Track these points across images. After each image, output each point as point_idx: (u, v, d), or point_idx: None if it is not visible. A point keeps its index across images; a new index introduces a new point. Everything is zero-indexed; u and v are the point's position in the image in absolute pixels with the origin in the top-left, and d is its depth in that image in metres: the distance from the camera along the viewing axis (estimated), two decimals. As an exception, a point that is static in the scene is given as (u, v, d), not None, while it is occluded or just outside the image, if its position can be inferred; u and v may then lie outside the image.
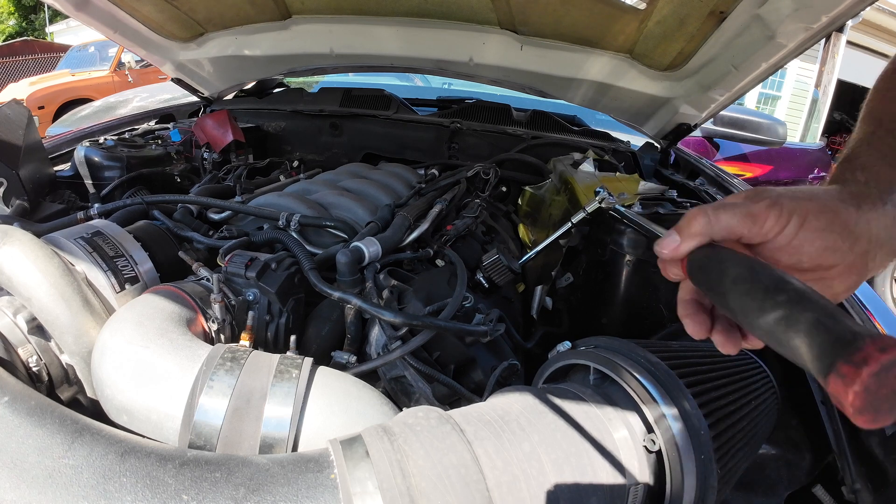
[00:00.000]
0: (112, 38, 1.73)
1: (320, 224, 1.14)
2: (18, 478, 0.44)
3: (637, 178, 1.56)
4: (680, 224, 0.44)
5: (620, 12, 1.39)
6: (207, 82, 2.13)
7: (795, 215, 0.42)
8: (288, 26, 1.82)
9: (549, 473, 0.51)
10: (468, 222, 1.35)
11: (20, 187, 1.21)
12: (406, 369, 0.82)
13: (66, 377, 0.77)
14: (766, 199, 0.43)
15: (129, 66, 7.76)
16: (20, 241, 0.73)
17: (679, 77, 1.53)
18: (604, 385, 0.64)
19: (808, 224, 0.42)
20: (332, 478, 0.47)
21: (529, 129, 2.05)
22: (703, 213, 0.43)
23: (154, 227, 1.07)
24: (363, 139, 2.18)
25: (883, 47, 9.30)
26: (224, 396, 0.62)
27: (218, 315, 0.82)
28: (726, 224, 0.43)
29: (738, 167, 3.53)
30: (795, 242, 0.42)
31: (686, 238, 0.44)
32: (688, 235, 0.44)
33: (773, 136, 2.81)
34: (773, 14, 1.11)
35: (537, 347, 1.14)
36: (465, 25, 1.69)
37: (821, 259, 0.42)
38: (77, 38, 10.81)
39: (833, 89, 7.85)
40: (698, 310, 0.47)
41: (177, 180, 1.67)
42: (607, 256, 1.13)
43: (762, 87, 9.29)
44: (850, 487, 0.73)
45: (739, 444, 0.61)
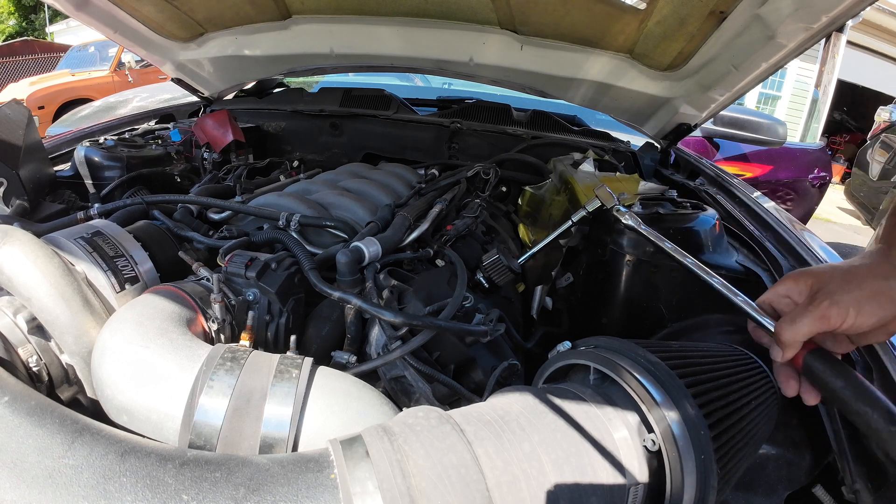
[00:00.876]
0: (112, 38, 1.73)
1: (320, 224, 1.14)
2: (18, 478, 0.44)
3: (637, 178, 1.56)
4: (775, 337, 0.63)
5: (620, 12, 1.39)
6: (207, 82, 2.13)
7: (852, 308, 0.58)
8: (288, 26, 1.82)
9: (549, 473, 0.51)
10: (468, 222, 1.35)
11: (20, 187, 1.21)
12: (406, 369, 0.82)
13: (66, 377, 0.77)
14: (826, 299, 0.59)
15: (129, 66, 7.77)
16: (20, 241, 0.73)
17: (679, 77, 1.53)
18: (604, 385, 0.64)
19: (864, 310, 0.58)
20: (332, 478, 0.47)
21: (529, 129, 2.05)
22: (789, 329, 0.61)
23: (154, 227, 1.07)
24: (363, 139, 2.18)
25: (883, 47, 9.30)
26: (224, 396, 0.61)
27: (218, 315, 0.82)
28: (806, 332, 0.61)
29: (738, 167, 3.53)
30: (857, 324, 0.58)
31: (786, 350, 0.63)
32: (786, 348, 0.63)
33: (773, 136, 2.82)
34: (774, 14, 1.11)
35: (537, 347, 1.14)
36: (465, 25, 1.69)
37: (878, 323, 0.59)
38: (77, 38, 10.82)
39: (833, 89, 7.85)
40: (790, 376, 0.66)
41: (177, 180, 1.67)
42: (607, 256, 1.13)
43: (762, 87, 9.30)
44: (850, 487, 0.73)
45: (739, 444, 0.61)
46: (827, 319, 0.59)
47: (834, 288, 0.59)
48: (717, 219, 1.15)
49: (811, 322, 0.59)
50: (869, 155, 6.06)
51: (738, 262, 1.10)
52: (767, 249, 1.12)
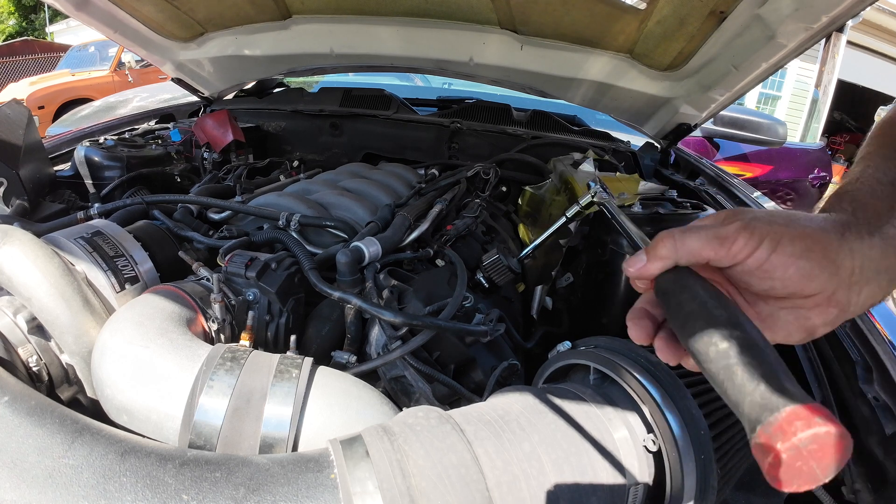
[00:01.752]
0: (112, 38, 1.72)
1: (320, 224, 1.14)
2: (18, 478, 0.44)
3: (637, 178, 1.56)
4: (648, 246, 0.44)
5: (620, 12, 1.39)
6: (207, 82, 2.13)
7: (767, 239, 0.40)
8: (288, 26, 1.82)
9: (549, 473, 0.51)
10: (468, 222, 1.35)
11: (20, 187, 1.21)
12: (406, 369, 0.82)
13: (66, 377, 0.77)
14: (737, 221, 0.41)
15: (129, 65, 7.76)
16: (20, 240, 0.73)
17: (679, 77, 1.53)
18: (604, 385, 0.64)
19: (782, 248, 0.40)
20: (332, 478, 0.47)
21: (529, 129, 2.05)
22: (671, 236, 0.43)
23: (154, 227, 1.07)
24: (363, 139, 2.18)
25: (883, 47, 9.30)
26: (224, 396, 0.62)
27: (218, 315, 0.82)
28: (693, 247, 0.42)
29: (738, 167, 3.53)
30: (767, 266, 0.40)
31: (652, 259, 0.43)
32: (654, 257, 0.43)
33: (773, 136, 2.81)
34: (774, 14, 1.11)
35: (537, 347, 1.14)
36: (465, 25, 1.69)
37: (796, 286, 0.40)
38: (77, 38, 10.81)
39: (833, 89, 7.85)
40: (644, 316, 0.46)
41: (177, 180, 1.67)
42: (607, 256, 1.13)
43: (762, 87, 9.30)
44: (850, 487, 0.73)
45: (739, 444, 0.61)
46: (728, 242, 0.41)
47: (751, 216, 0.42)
48: (717, 219, 1.14)
49: (706, 238, 0.41)
50: (869, 155, 6.05)
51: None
52: None
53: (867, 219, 0.42)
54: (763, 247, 0.40)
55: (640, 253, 0.44)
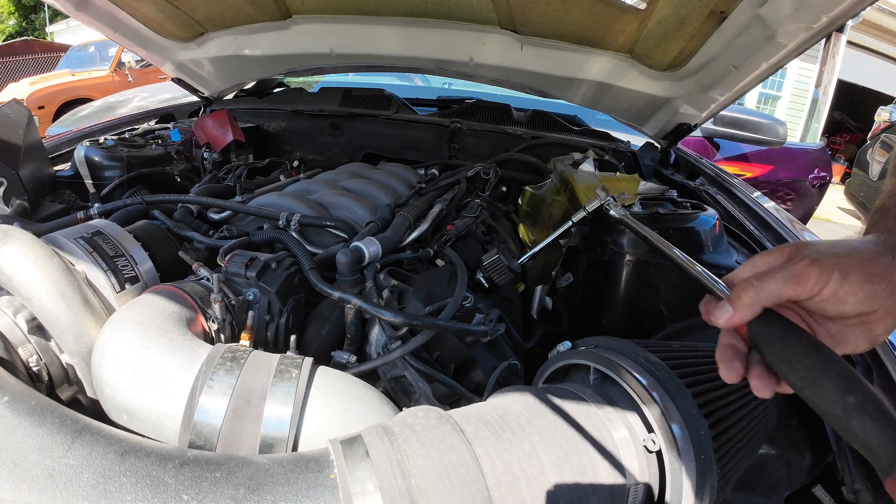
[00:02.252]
0: (112, 37, 1.73)
1: (320, 224, 1.14)
2: (18, 478, 0.44)
3: (637, 178, 1.56)
4: (731, 295, 0.48)
5: (620, 12, 1.39)
6: (207, 82, 2.13)
7: (837, 271, 0.45)
8: (288, 26, 1.82)
9: (549, 473, 0.51)
10: (468, 222, 1.35)
11: (20, 187, 1.21)
12: (406, 369, 0.82)
13: (66, 377, 0.77)
14: (806, 258, 0.46)
15: (129, 65, 7.76)
16: (20, 240, 0.73)
17: (679, 77, 1.53)
18: (604, 385, 0.64)
19: (850, 278, 0.45)
20: (332, 477, 0.47)
21: (529, 128, 2.05)
22: (751, 286, 0.47)
23: (154, 227, 1.07)
24: (363, 139, 2.18)
25: (883, 47, 9.30)
26: (224, 396, 0.62)
27: (218, 315, 0.82)
28: (773, 291, 0.46)
29: (738, 167, 3.53)
30: (840, 294, 0.45)
31: (739, 310, 0.47)
32: (739, 307, 0.47)
33: (774, 136, 2.81)
34: (774, 14, 1.11)
35: (537, 347, 1.14)
36: (465, 25, 1.69)
37: (864, 307, 0.45)
38: (77, 37, 10.81)
39: (833, 89, 7.85)
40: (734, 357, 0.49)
41: (177, 180, 1.67)
42: (607, 256, 1.13)
43: (762, 87, 9.30)
44: (850, 487, 0.73)
45: (739, 444, 0.61)
46: (804, 280, 0.45)
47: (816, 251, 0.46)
48: (717, 219, 1.15)
49: (783, 280, 0.46)
50: (869, 155, 6.06)
51: (738, 262, 1.10)
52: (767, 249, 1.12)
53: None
54: (834, 279, 0.45)
55: (724, 304, 0.48)
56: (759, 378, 0.48)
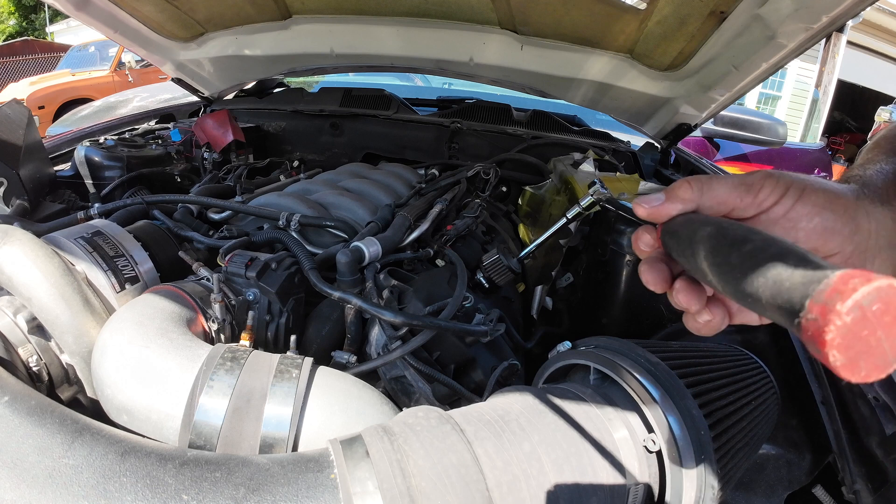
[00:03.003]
0: (112, 37, 1.73)
1: (320, 224, 1.14)
2: (18, 478, 0.44)
3: (637, 178, 1.56)
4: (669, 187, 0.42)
5: (621, 12, 1.39)
6: (208, 82, 2.13)
7: (793, 187, 0.39)
8: (288, 26, 1.82)
9: (549, 473, 0.51)
10: (468, 222, 1.35)
11: (20, 187, 1.21)
12: (406, 369, 0.82)
13: (67, 377, 0.77)
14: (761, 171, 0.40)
15: (129, 65, 7.77)
16: (20, 240, 0.73)
17: (679, 77, 1.53)
18: (604, 385, 0.64)
19: (806, 198, 0.39)
20: (332, 478, 0.47)
21: (529, 129, 2.05)
22: (695, 180, 0.41)
23: (154, 227, 1.07)
24: (363, 139, 2.18)
25: (883, 47, 9.30)
26: (224, 396, 0.62)
27: (218, 315, 0.82)
28: (718, 192, 0.40)
29: (739, 167, 3.53)
30: (792, 215, 0.39)
31: (671, 200, 0.41)
32: (674, 198, 0.41)
33: (774, 136, 2.82)
34: (774, 14, 1.11)
35: (537, 347, 1.14)
36: (465, 25, 1.69)
37: (819, 240, 0.39)
38: (77, 37, 10.82)
39: (833, 89, 7.86)
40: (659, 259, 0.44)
41: (177, 180, 1.67)
42: (607, 256, 1.13)
43: (762, 87, 9.31)
44: (849, 487, 0.73)
45: (739, 444, 0.61)
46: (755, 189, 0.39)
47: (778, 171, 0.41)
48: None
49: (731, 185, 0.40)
50: (869, 155, 6.05)
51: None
52: None
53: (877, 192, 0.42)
54: (788, 195, 0.39)
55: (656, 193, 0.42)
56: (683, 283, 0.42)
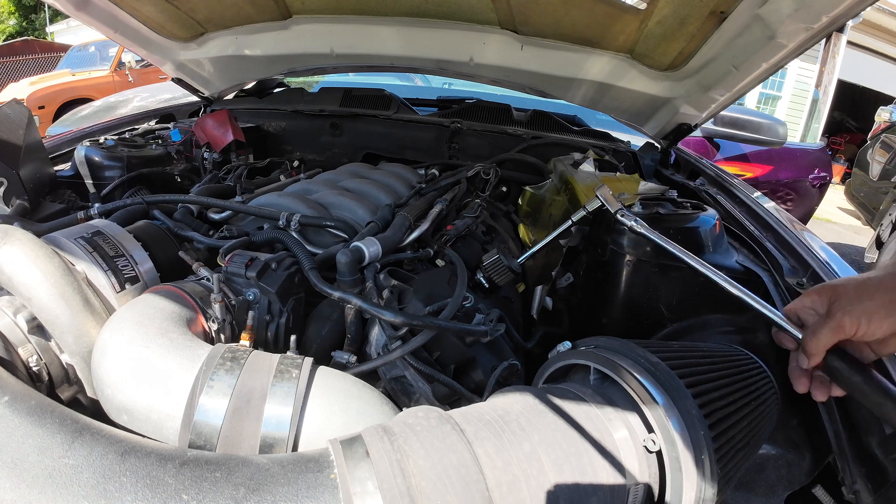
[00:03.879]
0: (112, 37, 1.73)
1: (321, 224, 1.14)
2: (18, 477, 0.44)
3: (637, 178, 1.56)
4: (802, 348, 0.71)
5: (621, 12, 1.39)
6: (208, 82, 2.13)
7: (863, 318, 0.66)
8: (288, 26, 1.82)
9: (549, 473, 0.51)
10: (468, 222, 1.35)
11: (20, 187, 1.21)
12: (406, 369, 0.82)
13: (67, 377, 0.77)
14: (839, 311, 0.67)
15: (129, 65, 7.77)
16: (20, 240, 0.73)
17: (679, 77, 1.53)
18: (604, 385, 0.64)
19: (874, 318, 0.65)
20: (332, 478, 0.47)
21: (530, 129, 2.05)
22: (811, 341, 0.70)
23: (154, 227, 1.07)
24: (363, 139, 2.18)
25: (883, 47, 9.30)
26: (224, 396, 0.62)
27: (218, 315, 0.82)
28: (826, 341, 0.69)
29: (739, 167, 3.53)
30: (871, 330, 0.66)
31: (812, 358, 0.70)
32: (811, 356, 0.70)
33: (774, 137, 2.82)
34: (774, 14, 1.11)
35: (537, 347, 1.14)
36: (465, 25, 1.69)
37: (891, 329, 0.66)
38: (77, 37, 10.82)
39: (833, 89, 7.85)
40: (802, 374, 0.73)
41: (177, 180, 1.67)
42: (607, 256, 1.13)
43: (762, 87, 9.31)
44: (849, 487, 0.73)
45: (739, 444, 0.61)
46: (842, 328, 0.67)
47: (847, 300, 0.68)
48: (718, 219, 1.14)
49: (829, 332, 0.68)
50: (869, 155, 6.06)
51: (738, 262, 1.10)
52: (767, 249, 1.12)
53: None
54: (862, 323, 0.66)
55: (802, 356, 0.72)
56: (818, 388, 0.73)
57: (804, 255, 1.06)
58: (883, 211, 5.05)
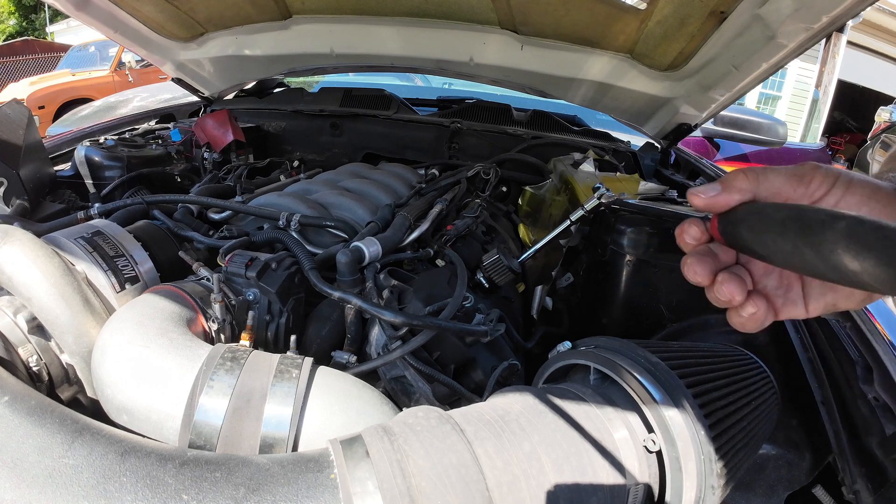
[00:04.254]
0: (112, 37, 1.73)
1: (321, 224, 1.14)
2: (18, 477, 0.44)
3: (637, 178, 1.56)
4: (724, 177, 0.43)
5: (621, 12, 1.39)
6: (208, 82, 2.13)
7: (840, 179, 0.41)
8: (288, 26, 1.82)
9: (549, 473, 0.51)
10: (468, 222, 1.35)
11: (20, 187, 1.21)
12: (406, 369, 0.82)
13: (67, 377, 0.77)
14: (811, 164, 0.43)
15: (129, 65, 7.76)
16: (20, 240, 0.73)
17: (679, 77, 1.53)
18: (604, 385, 0.64)
19: (853, 189, 0.41)
20: (332, 478, 0.47)
21: (530, 129, 2.05)
22: (750, 171, 0.42)
23: (154, 227, 1.07)
24: (363, 139, 2.18)
25: (883, 47, 9.30)
26: (224, 396, 0.62)
27: (218, 315, 0.82)
28: (773, 182, 0.42)
29: (739, 167, 3.53)
30: (842, 205, 0.41)
31: (728, 190, 0.42)
32: (731, 188, 0.42)
33: (774, 137, 2.81)
34: (774, 14, 1.11)
35: (537, 347, 1.14)
36: (465, 25, 1.69)
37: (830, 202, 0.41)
38: (77, 37, 10.81)
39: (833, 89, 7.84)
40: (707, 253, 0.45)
41: (177, 180, 1.67)
42: (607, 256, 1.13)
43: (762, 87, 9.30)
44: (849, 487, 0.73)
45: (739, 444, 0.61)
46: (807, 179, 0.42)
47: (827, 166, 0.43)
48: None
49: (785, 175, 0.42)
50: (869, 155, 6.06)
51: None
52: None
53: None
54: (837, 186, 0.41)
55: (712, 183, 0.43)
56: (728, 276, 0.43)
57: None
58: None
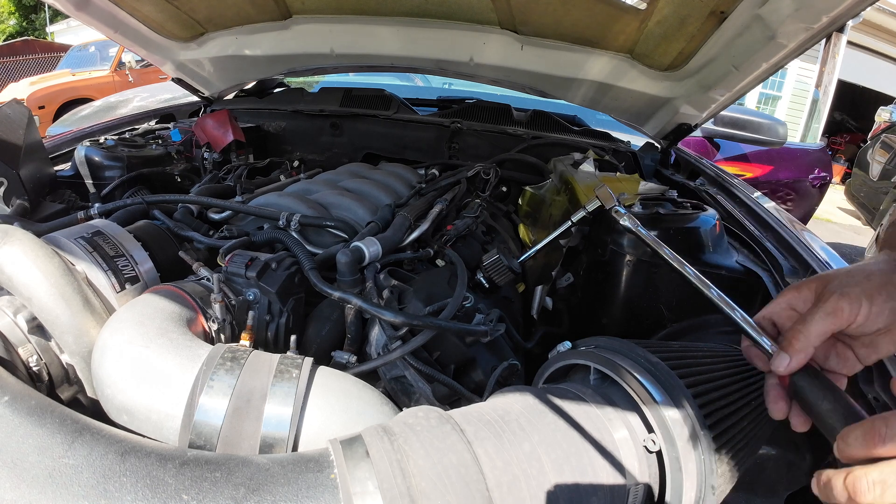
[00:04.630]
0: (112, 37, 1.73)
1: (321, 224, 1.14)
2: (18, 477, 0.44)
3: (637, 178, 1.56)
4: (784, 343, 0.55)
5: (621, 12, 1.39)
6: (208, 82, 2.13)
7: (863, 299, 0.52)
8: (288, 26, 1.82)
9: (549, 473, 0.51)
10: (468, 222, 1.35)
11: (20, 187, 1.21)
12: (406, 369, 0.82)
13: (67, 377, 0.77)
14: (833, 293, 0.53)
15: (129, 65, 7.77)
16: (20, 240, 0.73)
17: (679, 77, 1.53)
18: (604, 385, 0.64)
19: (876, 301, 0.52)
20: (332, 478, 0.47)
21: (530, 128, 2.05)
22: (799, 331, 0.54)
23: (154, 227, 1.07)
24: (363, 139, 2.18)
25: (883, 47, 9.30)
26: (224, 396, 0.62)
27: (218, 315, 0.82)
28: (819, 331, 0.53)
29: (739, 167, 3.52)
30: (871, 316, 0.53)
31: (795, 356, 0.54)
32: (795, 353, 0.54)
33: (774, 137, 2.81)
34: (774, 14, 1.11)
35: (537, 347, 1.14)
36: (465, 25, 1.69)
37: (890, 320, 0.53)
38: (77, 37, 10.82)
39: (833, 89, 7.84)
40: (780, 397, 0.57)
41: (177, 180, 1.67)
42: (607, 256, 1.13)
43: (762, 87, 9.30)
44: (850, 488, 0.72)
45: (739, 444, 0.61)
46: (840, 313, 0.52)
47: (840, 283, 0.53)
48: (718, 219, 1.15)
49: (823, 319, 0.52)
50: (869, 155, 6.06)
51: (739, 262, 1.10)
52: (767, 249, 1.12)
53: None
54: (864, 306, 0.52)
55: (781, 353, 0.55)
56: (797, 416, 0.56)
57: (804, 255, 1.06)
58: (883, 211, 5.05)
